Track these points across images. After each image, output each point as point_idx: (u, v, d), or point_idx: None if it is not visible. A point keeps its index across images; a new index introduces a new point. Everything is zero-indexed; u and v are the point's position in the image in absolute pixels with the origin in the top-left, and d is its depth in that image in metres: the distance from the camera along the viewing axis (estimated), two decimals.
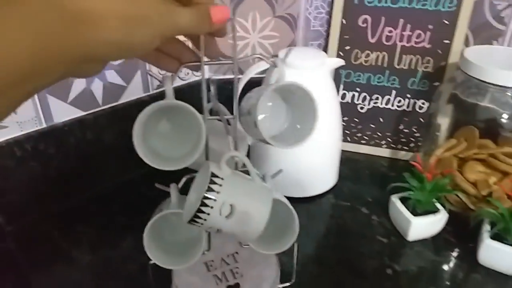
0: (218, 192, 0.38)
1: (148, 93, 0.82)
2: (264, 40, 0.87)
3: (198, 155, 0.41)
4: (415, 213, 0.68)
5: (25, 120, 0.67)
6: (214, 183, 0.38)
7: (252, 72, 0.72)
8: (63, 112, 0.71)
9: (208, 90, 0.90)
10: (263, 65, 0.71)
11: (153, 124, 0.42)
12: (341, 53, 0.85)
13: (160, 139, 0.44)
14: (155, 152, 0.43)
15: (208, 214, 0.38)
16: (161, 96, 0.40)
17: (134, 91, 0.79)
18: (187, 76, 0.87)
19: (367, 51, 0.84)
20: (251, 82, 0.72)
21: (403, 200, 0.71)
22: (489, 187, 0.70)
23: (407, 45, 0.82)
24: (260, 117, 0.42)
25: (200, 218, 0.38)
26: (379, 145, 0.91)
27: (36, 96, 0.67)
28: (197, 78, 0.89)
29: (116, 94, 0.77)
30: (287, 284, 0.58)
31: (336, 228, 0.74)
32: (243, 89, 0.73)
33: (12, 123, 0.66)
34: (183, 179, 0.48)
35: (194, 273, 0.54)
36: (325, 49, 0.87)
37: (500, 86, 0.67)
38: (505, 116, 0.70)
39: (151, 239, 0.46)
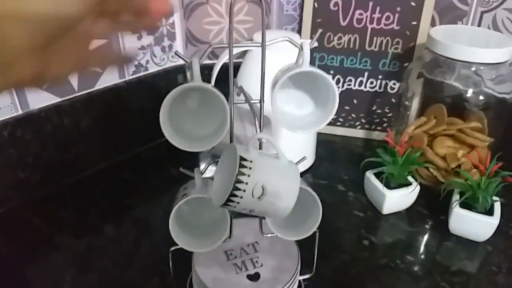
0: (249, 175, 0.38)
1: (124, 79, 0.82)
2: (238, 25, 0.88)
3: (221, 138, 0.41)
4: (388, 187, 0.71)
5: (0, 107, 0.67)
6: (244, 166, 0.38)
7: (226, 57, 0.73)
8: (39, 99, 0.71)
9: (185, 75, 0.91)
10: (236, 49, 0.72)
11: (176, 106, 0.42)
12: (313, 35, 0.87)
13: (183, 121, 0.44)
14: (179, 133, 0.43)
15: (241, 197, 0.39)
16: (137, 81, 0.41)
17: (109, 77, 0.79)
18: (162, 62, 0.87)
19: (339, 34, 0.86)
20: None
21: (377, 176, 0.73)
22: (457, 160, 0.73)
23: (377, 27, 0.85)
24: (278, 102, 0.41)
25: (233, 201, 0.39)
26: (353, 126, 0.94)
27: None
28: (172, 64, 0.89)
29: (91, 80, 0.77)
30: (307, 276, 0.58)
31: None
32: (222, 73, 0.74)
33: None
34: (207, 165, 0.48)
35: (214, 261, 0.54)
36: (298, 33, 0.89)
37: (465, 62, 0.70)
38: (470, 91, 0.73)
39: (174, 223, 0.47)
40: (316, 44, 0.78)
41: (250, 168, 0.39)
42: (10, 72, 0.27)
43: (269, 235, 0.53)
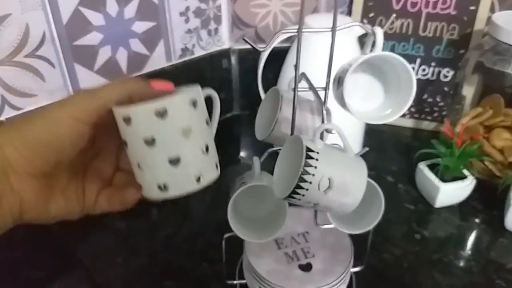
0: (315, 167, 0.37)
1: (171, 63, 0.81)
2: (286, 7, 0.86)
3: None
4: (443, 180, 0.68)
5: (53, 88, 0.67)
6: (311, 157, 0.37)
7: (276, 41, 0.71)
8: (90, 81, 0.71)
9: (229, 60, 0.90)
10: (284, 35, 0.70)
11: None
12: (365, 20, 0.84)
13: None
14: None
15: (307, 189, 0.37)
16: (183, 66, 0.40)
17: (157, 61, 0.79)
18: (208, 46, 0.86)
19: (392, 18, 0.83)
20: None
21: (431, 168, 0.71)
22: None
23: (432, 11, 0.81)
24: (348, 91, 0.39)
25: (298, 194, 0.37)
26: (402, 115, 0.90)
27: (63, 64, 0.67)
28: (217, 48, 0.88)
29: (139, 63, 0.77)
30: (358, 268, 0.57)
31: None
32: (267, 59, 0.72)
33: (41, 91, 0.66)
34: (266, 153, 0.47)
35: (265, 250, 0.54)
36: (349, 16, 0.86)
37: None
38: None
39: (232, 211, 0.46)
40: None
41: (317, 160, 0.37)
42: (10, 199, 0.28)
43: (325, 226, 0.52)
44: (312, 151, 0.38)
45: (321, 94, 0.45)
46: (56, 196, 0.34)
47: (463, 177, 0.69)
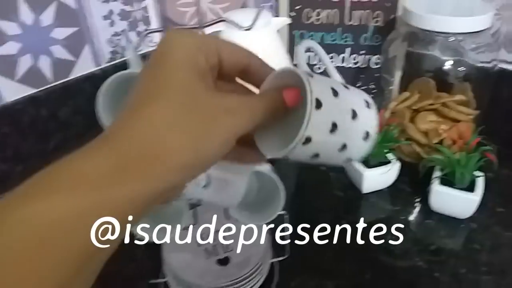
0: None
1: (100, 67, 0.81)
2: (214, 4, 0.86)
3: None
4: (368, 166, 0.69)
5: None
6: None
7: None
8: (12, 91, 0.70)
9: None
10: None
11: (119, 97, 0.41)
12: (292, 13, 0.85)
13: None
14: None
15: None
16: (114, 68, 0.40)
17: (84, 66, 0.78)
18: (139, 48, 0.86)
19: (318, 9, 0.84)
20: None
21: None
22: (439, 135, 0.71)
23: (355, 0, 0.82)
24: None
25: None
26: None
27: None
28: (150, 49, 0.87)
29: (65, 69, 0.76)
30: (281, 258, 0.58)
31: (296, 186, 0.76)
32: None
33: None
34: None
35: (184, 247, 0.55)
36: (276, 10, 0.87)
37: (443, 32, 0.68)
38: (449, 62, 0.71)
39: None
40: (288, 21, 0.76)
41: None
42: None
43: (231, 220, 0.53)
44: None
45: None
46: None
47: (388, 162, 0.70)
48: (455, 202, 0.64)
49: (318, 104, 0.26)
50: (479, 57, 0.71)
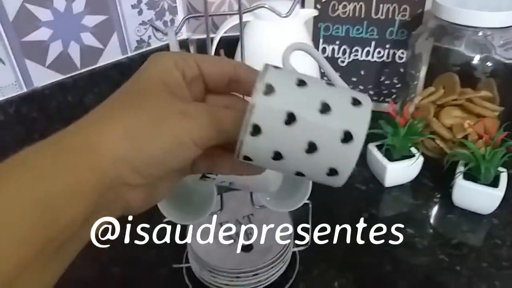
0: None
1: (127, 55, 0.82)
2: None
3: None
4: (391, 159, 0.69)
5: (5, 85, 0.68)
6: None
7: (225, 28, 0.72)
8: (42, 76, 0.72)
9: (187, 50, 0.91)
10: (234, 20, 0.71)
11: None
12: (318, 5, 0.85)
13: None
14: None
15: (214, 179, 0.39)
16: (140, 57, 0.40)
17: (111, 54, 0.80)
18: (165, 37, 0.87)
19: (344, 2, 0.83)
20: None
21: (380, 148, 0.72)
22: (464, 130, 0.71)
23: None
24: None
25: (211, 173, 0.36)
26: None
27: (14, 61, 0.68)
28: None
29: (93, 56, 0.78)
30: (302, 247, 0.58)
31: None
32: (217, 46, 0.73)
33: None
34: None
35: (208, 233, 0.55)
36: (302, 2, 0.87)
37: (473, 27, 0.67)
38: (477, 57, 0.70)
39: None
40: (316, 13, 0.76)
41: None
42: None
43: (258, 207, 0.53)
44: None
45: None
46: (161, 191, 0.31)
47: (412, 156, 0.70)
48: (479, 197, 0.64)
49: (269, 90, 0.24)
50: (507, 54, 0.70)
